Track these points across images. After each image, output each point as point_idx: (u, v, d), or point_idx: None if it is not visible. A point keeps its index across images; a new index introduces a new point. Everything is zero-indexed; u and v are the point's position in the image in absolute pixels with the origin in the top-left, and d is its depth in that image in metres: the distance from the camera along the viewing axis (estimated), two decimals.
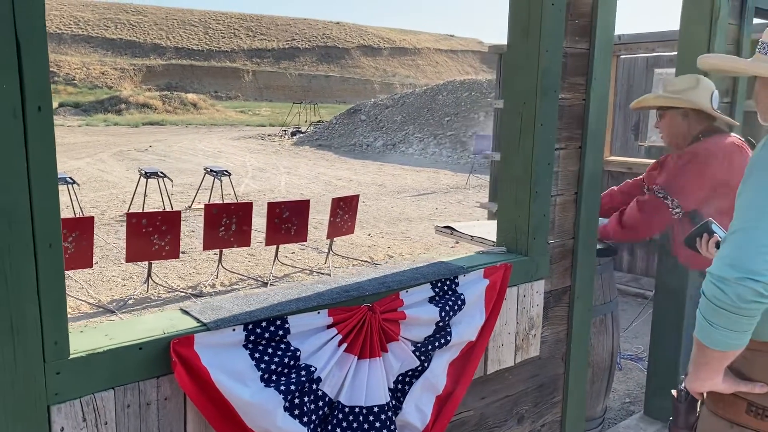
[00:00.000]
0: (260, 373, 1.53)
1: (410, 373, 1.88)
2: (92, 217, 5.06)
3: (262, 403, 1.50)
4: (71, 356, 1.31)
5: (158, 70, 72.92)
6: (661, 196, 2.47)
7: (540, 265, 2.27)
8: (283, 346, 1.59)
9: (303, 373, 1.59)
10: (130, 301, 5.23)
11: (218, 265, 6.05)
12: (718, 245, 1.84)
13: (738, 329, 1.28)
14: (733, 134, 2.54)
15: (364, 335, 1.72)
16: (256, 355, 1.55)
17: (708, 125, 2.54)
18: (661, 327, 3.13)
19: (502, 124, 2.30)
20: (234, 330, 1.52)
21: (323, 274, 6.19)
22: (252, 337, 1.55)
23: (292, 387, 1.56)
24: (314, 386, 1.62)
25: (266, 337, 1.57)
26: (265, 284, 5.84)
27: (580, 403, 2.56)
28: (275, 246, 6.20)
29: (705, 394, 1.52)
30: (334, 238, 6.73)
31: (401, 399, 1.86)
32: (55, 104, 44.63)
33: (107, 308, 4.98)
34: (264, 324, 1.57)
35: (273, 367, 1.55)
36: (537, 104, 2.15)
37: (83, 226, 4.75)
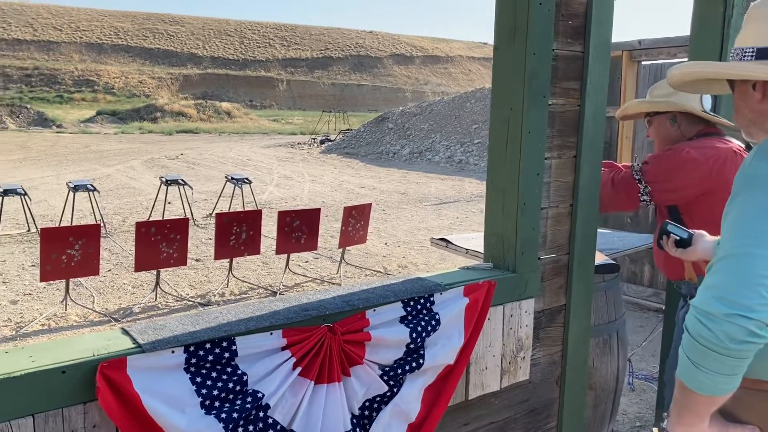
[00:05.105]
0: (200, 399, 1.43)
1: (378, 398, 1.75)
2: (98, 225, 5.05)
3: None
4: None
5: (195, 79, 74.18)
6: (637, 177, 2.29)
7: (529, 282, 2.12)
8: (229, 369, 1.48)
9: (249, 399, 1.48)
10: (136, 309, 5.19)
11: (228, 274, 6.00)
12: (677, 244, 1.89)
13: (727, 372, 1.10)
14: (733, 139, 2.32)
15: (321, 358, 1.60)
16: (198, 379, 1.44)
17: (704, 128, 2.34)
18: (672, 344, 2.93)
19: (489, 131, 2.17)
20: (173, 352, 1.42)
21: (334, 283, 6.08)
22: (194, 360, 1.44)
23: (235, 415, 1.44)
24: (261, 413, 1.50)
25: (210, 359, 1.46)
26: (274, 293, 5.75)
27: (578, 428, 2.39)
28: (286, 255, 6.13)
29: None
30: (349, 247, 6.62)
31: (367, 427, 1.73)
32: (93, 112, 45.86)
33: (111, 317, 4.95)
34: (208, 346, 1.46)
35: (215, 392, 1.45)
36: (524, 110, 2.01)
37: (90, 234, 4.74)
